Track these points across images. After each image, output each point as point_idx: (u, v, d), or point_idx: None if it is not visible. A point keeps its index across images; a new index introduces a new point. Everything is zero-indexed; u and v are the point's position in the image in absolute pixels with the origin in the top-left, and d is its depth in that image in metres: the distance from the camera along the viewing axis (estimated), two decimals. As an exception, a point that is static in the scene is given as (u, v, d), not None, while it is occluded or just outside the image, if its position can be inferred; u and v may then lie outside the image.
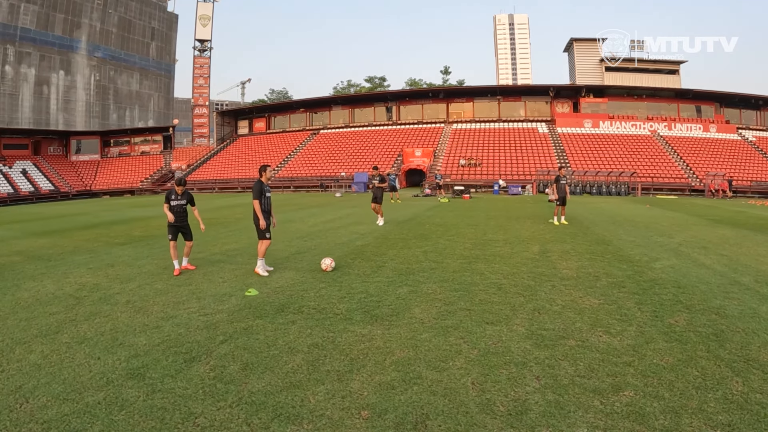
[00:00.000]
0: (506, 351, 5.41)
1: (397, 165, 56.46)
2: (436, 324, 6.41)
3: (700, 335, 6.05)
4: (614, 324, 6.44)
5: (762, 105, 67.42)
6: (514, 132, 62.05)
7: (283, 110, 78.90)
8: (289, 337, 5.97)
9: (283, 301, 7.65)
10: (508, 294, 7.96)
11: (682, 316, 6.81)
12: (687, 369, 5.04)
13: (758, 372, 5.00)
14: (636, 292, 8.07)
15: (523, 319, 6.65)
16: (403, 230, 16.27)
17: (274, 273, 9.75)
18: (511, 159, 54.95)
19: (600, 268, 10.04)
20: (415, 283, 8.72)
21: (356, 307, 7.24)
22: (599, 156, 55.30)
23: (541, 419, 3.97)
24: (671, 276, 9.37)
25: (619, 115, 64.10)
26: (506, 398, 4.31)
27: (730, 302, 7.58)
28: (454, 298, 7.67)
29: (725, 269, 10.14)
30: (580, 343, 5.75)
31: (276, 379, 4.72)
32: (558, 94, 66.75)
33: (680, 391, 4.54)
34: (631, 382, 4.73)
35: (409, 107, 70.40)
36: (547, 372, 4.88)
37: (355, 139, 65.82)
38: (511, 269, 9.92)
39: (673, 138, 60.59)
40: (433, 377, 4.73)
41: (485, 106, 67.80)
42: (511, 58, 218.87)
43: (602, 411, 4.12)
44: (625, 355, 5.37)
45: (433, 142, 61.01)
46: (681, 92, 68.79)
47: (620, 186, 46.50)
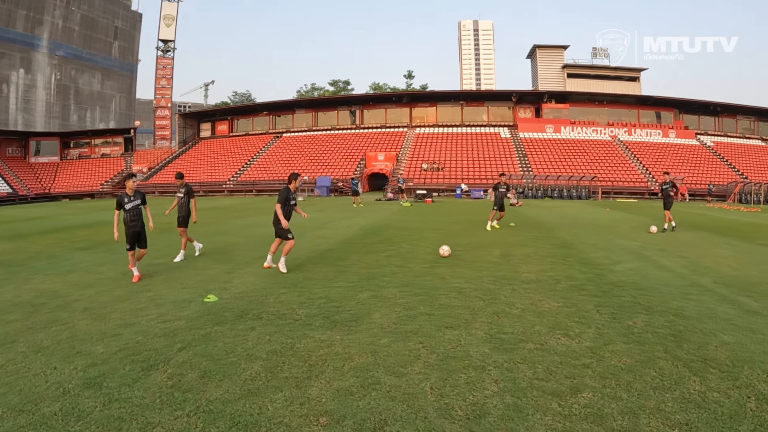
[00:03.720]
0: (465, 355, 5.44)
1: (360, 169, 56.65)
2: (396, 329, 6.41)
3: (659, 336, 6.18)
4: (573, 326, 6.52)
5: (720, 111, 70.78)
6: (476, 137, 63.10)
7: (246, 113, 78.20)
8: (248, 343, 5.89)
9: (243, 307, 7.55)
10: (468, 298, 8.01)
11: (641, 318, 6.95)
12: (645, 370, 5.13)
13: (716, 371, 5.11)
14: (596, 295, 8.21)
15: (483, 323, 6.69)
16: (367, 235, 16.27)
17: (234, 278, 9.63)
18: (473, 163, 55.79)
19: (561, 271, 10.20)
20: (377, 287, 8.72)
21: (316, 312, 7.19)
22: (561, 160, 56.60)
23: (500, 423, 3.99)
24: (631, 278, 9.58)
25: (580, 121, 66.01)
26: (465, 402, 4.32)
27: (688, 303, 7.79)
28: (415, 303, 7.68)
29: (685, 271, 10.45)
30: (539, 346, 5.80)
31: (234, 387, 4.68)
32: (520, 100, 68.19)
33: (638, 392, 4.61)
34: (590, 383, 4.78)
35: (373, 111, 70.87)
36: (505, 375, 4.90)
37: (318, 142, 65.69)
38: (472, 273, 9.99)
39: (633, 143, 62.78)
40: (392, 382, 4.72)
41: (448, 111, 68.83)
42: (475, 64, 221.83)
43: (561, 413, 4.16)
44: (584, 357, 5.44)
45: (396, 146, 61.54)
46: (641, 99, 71.66)
47: (581, 190, 47.67)
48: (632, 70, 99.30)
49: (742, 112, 71.61)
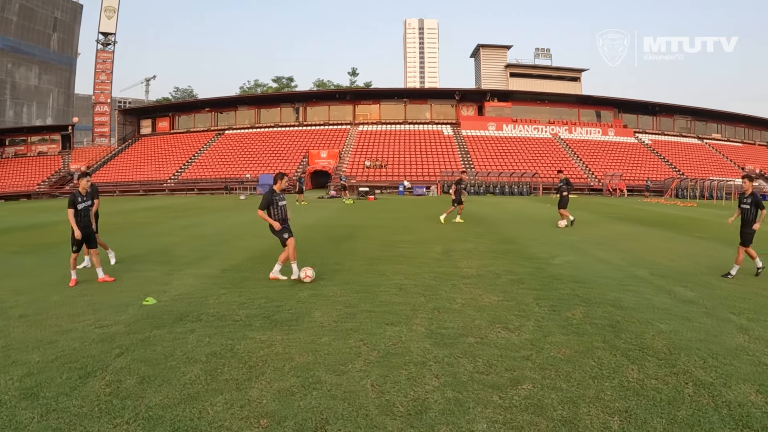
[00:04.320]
0: (406, 351, 5.46)
1: (303, 167, 56.22)
2: (337, 327, 6.37)
3: (597, 327, 6.34)
4: (513, 320, 6.61)
5: (658, 111, 75.03)
6: (419, 134, 63.87)
7: (188, 109, 76.37)
8: (188, 346, 5.70)
9: (182, 309, 7.31)
10: (409, 294, 8.03)
11: (580, 309, 7.12)
12: (584, 360, 5.24)
13: (653, 359, 5.28)
14: (535, 288, 8.38)
15: (424, 318, 6.72)
16: (309, 233, 16.10)
17: (174, 280, 9.32)
18: (416, 160, 56.37)
19: (501, 265, 10.36)
20: (318, 286, 8.63)
21: (257, 312, 7.06)
22: (502, 157, 58.03)
23: (441, 417, 4.01)
24: (570, 271, 9.85)
25: (522, 119, 68.00)
26: (406, 398, 4.34)
27: (626, 294, 8.04)
28: (356, 300, 7.66)
29: (622, 263, 10.82)
30: (480, 339, 5.85)
31: (174, 392, 4.55)
32: (463, 98, 69.62)
33: (578, 382, 4.70)
34: (530, 375, 4.84)
35: (316, 108, 70.58)
36: (446, 370, 4.95)
37: (261, 140, 64.92)
38: (413, 269, 10.03)
39: (573, 141, 65.23)
40: (333, 381, 4.71)
41: (392, 109, 69.32)
42: (420, 62, 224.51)
43: (501, 405, 4.21)
44: (524, 350, 5.51)
45: (339, 143, 61.52)
46: (582, 98, 74.88)
47: (522, 186, 49.12)
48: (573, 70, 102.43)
49: (679, 112, 76.41)
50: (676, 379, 4.81)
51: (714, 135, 76.90)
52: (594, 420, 4.00)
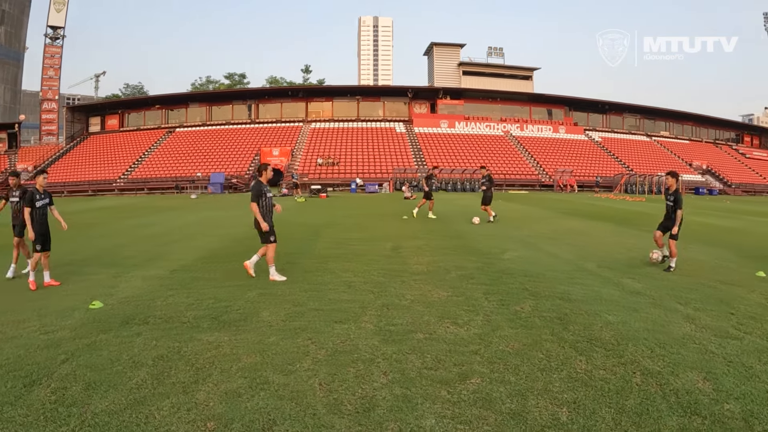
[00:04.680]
0: (354, 349, 5.45)
1: (255, 164, 55.41)
2: (285, 326, 6.29)
3: (545, 319, 6.42)
4: (462, 315, 6.64)
5: (608, 109, 77.80)
6: (372, 131, 64.07)
7: (138, 107, 73.90)
8: (134, 350, 5.53)
9: (129, 312, 7.07)
10: (358, 291, 8.01)
11: (528, 303, 7.20)
12: (532, 352, 5.28)
13: (601, 350, 5.36)
14: (485, 283, 8.44)
15: (373, 315, 6.70)
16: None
17: (121, 282, 9.00)
18: (368, 158, 56.49)
19: (451, 261, 10.40)
20: (266, 285, 8.51)
21: (204, 314, 6.90)
22: (455, 154, 58.73)
23: (389, 414, 4.01)
24: (519, 266, 9.97)
25: (474, 117, 69.06)
26: (354, 396, 4.32)
27: (574, 287, 8.19)
28: (305, 299, 7.59)
29: (571, 257, 11.05)
30: (428, 335, 5.85)
31: (120, 397, 4.44)
32: (416, 96, 70.20)
33: (526, 374, 4.73)
34: (478, 369, 4.85)
35: (269, 106, 69.89)
36: (394, 367, 4.94)
37: (213, 137, 63.56)
38: (363, 267, 9.99)
39: (524, 138, 66.73)
40: (281, 381, 4.66)
41: (344, 106, 69.34)
42: (374, 60, 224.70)
43: (449, 400, 4.22)
44: (472, 344, 5.52)
45: (292, 141, 61.09)
46: (534, 96, 76.74)
47: (474, 183, 49.78)
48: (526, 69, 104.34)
49: (629, 110, 79.74)
50: (624, 369, 4.89)
51: (662, 132, 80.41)
52: (542, 412, 4.03)
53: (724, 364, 5.08)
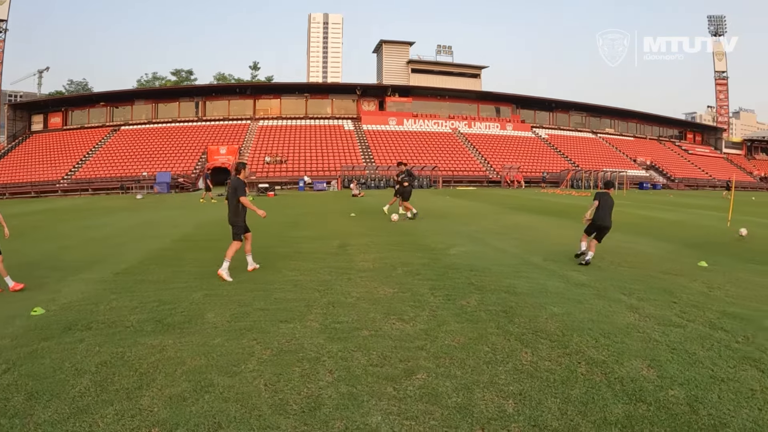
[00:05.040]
0: (299, 348, 5.42)
1: (202, 163, 54.49)
2: (230, 327, 6.20)
3: (491, 313, 6.49)
4: (408, 311, 6.65)
5: (554, 107, 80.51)
6: (320, 129, 63.95)
7: (82, 104, 70.99)
8: (77, 357, 5.36)
9: (71, 318, 6.82)
10: (304, 290, 7.94)
11: (474, 297, 7.27)
12: (478, 346, 5.32)
13: (546, 341, 5.45)
14: (431, 279, 8.49)
15: (318, 314, 6.65)
16: (205, 232, 15.63)
17: (64, 287, 8.65)
18: (316, 156, 56.34)
19: (397, 258, 10.43)
20: (212, 286, 8.36)
21: (148, 317, 6.73)
22: (403, 151, 59.16)
23: (335, 412, 4.02)
24: (465, 261, 10.07)
25: (422, 114, 70.03)
26: (299, 396, 4.31)
27: (520, 280, 8.32)
28: (250, 299, 7.50)
29: (517, 251, 11.25)
30: (374, 332, 5.85)
31: (63, 406, 4.31)
32: (365, 93, 70.69)
33: (472, 368, 4.77)
34: (424, 365, 4.87)
35: (216, 103, 68.83)
36: (340, 365, 4.95)
37: (159, 135, 61.97)
38: (309, 265, 9.92)
39: (472, 135, 67.98)
40: (226, 383, 4.62)
41: (293, 103, 69.06)
42: (323, 57, 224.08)
43: (395, 396, 4.25)
44: (418, 340, 5.54)
45: (239, 139, 60.29)
46: (482, 94, 78.40)
47: (422, 179, 50.30)
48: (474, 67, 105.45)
49: (575, 108, 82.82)
50: (569, 359, 4.98)
51: (608, 130, 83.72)
52: (489, 404, 4.08)
53: (667, 351, 5.23)
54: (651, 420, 3.87)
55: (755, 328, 6.06)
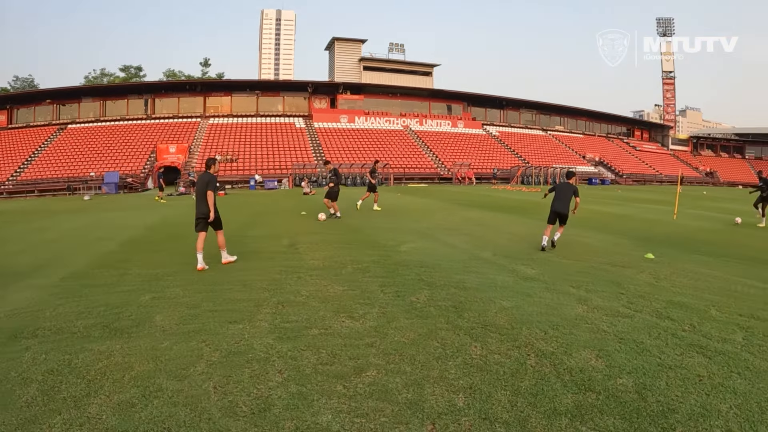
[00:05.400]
0: (249, 349, 5.36)
1: (151, 162, 53.04)
2: (179, 329, 6.07)
3: (441, 308, 6.54)
4: (357, 308, 6.65)
5: (505, 105, 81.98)
6: (271, 127, 63.23)
7: (28, 101, 67.53)
8: (23, 366, 5.16)
9: (16, 325, 6.54)
10: (254, 290, 7.84)
11: (424, 293, 7.31)
12: (428, 342, 5.35)
13: (495, 335, 5.51)
14: (381, 276, 8.51)
15: (268, 314, 6.58)
16: (154, 232, 15.24)
17: (8, 294, 8.28)
18: (267, 154, 55.71)
19: (347, 255, 10.41)
20: (160, 288, 8.14)
21: (96, 322, 6.51)
22: (354, 149, 59.23)
23: (285, 413, 4.00)
24: (416, 257, 10.13)
25: (374, 112, 70.22)
26: (249, 397, 4.28)
27: (469, 276, 8.41)
28: (199, 300, 7.35)
29: (468, 246, 11.37)
30: (323, 331, 5.81)
31: (10, 417, 4.17)
32: (316, 90, 70.17)
33: (422, 364, 4.78)
34: (374, 362, 4.87)
35: (166, 100, 66.94)
36: (290, 364, 4.91)
37: (107, 134, 59.54)
38: (259, 264, 9.81)
39: (424, 132, 68.49)
40: (175, 387, 4.53)
41: (243, 101, 68.07)
42: (275, 54, 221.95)
43: (346, 395, 4.26)
44: (368, 337, 5.54)
45: (189, 137, 58.88)
46: (433, 92, 78.75)
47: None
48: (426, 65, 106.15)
49: (525, 106, 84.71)
50: (518, 352, 5.04)
51: (557, 127, 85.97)
52: (439, 399, 4.10)
53: (615, 341, 5.37)
54: (600, 408, 3.95)
55: (701, 317, 6.29)
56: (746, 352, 5.17)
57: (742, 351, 5.18)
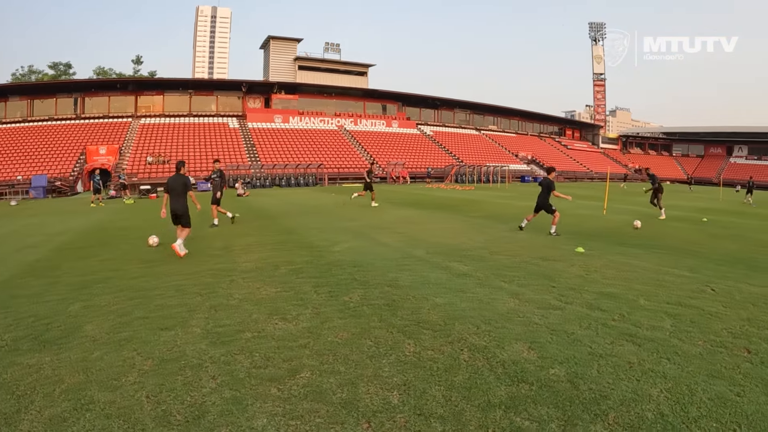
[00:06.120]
0: (182, 355, 5.24)
1: (81, 164, 50.86)
2: (110, 339, 5.86)
3: (374, 307, 6.57)
4: (291, 310, 6.59)
5: (439, 105, 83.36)
6: (204, 127, 61.87)
7: None
8: None
9: None
10: (186, 295, 7.66)
11: (358, 293, 7.33)
12: (361, 341, 5.36)
13: (428, 332, 5.56)
14: (314, 276, 8.48)
15: (200, 318, 6.45)
16: (82, 238, 14.63)
17: None
18: (201, 155, 54.38)
19: (281, 257, 10.33)
20: (90, 296, 7.84)
21: (24, 334, 6.22)
22: (289, 150, 58.79)
23: (220, 419, 3.95)
24: (349, 257, 10.16)
25: (309, 111, 69.92)
26: (182, 405, 4.20)
27: (403, 274, 8.49)
28: (130, 308, 7.11)
29: (401, 245, 11.48)
30: (257, 334, 5.74)
31: None
32: (251, 90, 69.12)
33: (356, 363, 4.79)
34: (308, 363, 4.84)
35: (96, 99, 63.96)
36: (223, 369, 4.83)
37: (35, 135, 56.22)
38: (191, 268, 9.59)
39: (358, 132, 68.84)
40: (107, 399, 4.39)
41: (176, 100, 66.20)
42: (210, 52, 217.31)
43: (280, 397, 4.22)
44: (301, 338, 5.50)
45: (120, 138, 56.45)
46: (368, 92, 79.17)
47: (308, 177, 50.61)
48: (361, 65, 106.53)
49: (459, 106, 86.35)
50: (451, 347, 5.11)
51: (491, 127, 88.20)
52: (373, 397, 4.11)
53: (547, 333, 5.52)
54: (534, 399, 4.04)
55: (630, 306, 6.55)
56: (675, 338, 5.41)
57: (671, 337, 5.42)
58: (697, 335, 5.53)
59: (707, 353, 5.02)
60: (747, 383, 4.38)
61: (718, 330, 5.72)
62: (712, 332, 5.64)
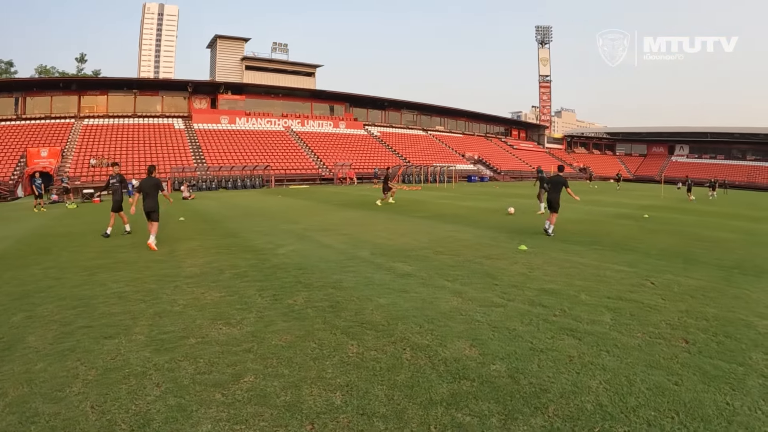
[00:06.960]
0: (125, 364, 5.17)
1: (21, 168, 48.85)
2: (53, 349, 5.72)
3: (318, 309, 6.61)
4: (235, 314, 6.59)
5: (387, 106, 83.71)
6: (149, 128, 60.09)
7: None
8: None
9: None
10: (129, 302, 7.52)
11: (302, 295, 7.36)
12: (305, 343, 5.40)
13: (372, 332, 5.65)
14: (258, 280, 8.46)
15: (144, 326, 6.35)
16: (22, 245, 14.09)
17: None
18: (146, 156, 52.89)
19: (225, 261, 10.25)
20: (31, 306, 7.59)
21: None
22: (235, 151, 57.93)
23: (165, 426, 3.94)
24: (293, 260, 10.17)
25: (256, 112, 69.09)
26: (127, 414, 4.16)
27: (347, 275, 8.56)
28: (73, 317, 6.94)
29: (345, 246, 11.53)
30: (201, 339, 5.71)
31: None
32: (196, 90, 67.77)
33: (299, 365, 4.82)
34: (252, 367, 4.85)
35: (38, 99, 61.07)
36: (167, 376, 4.81)
37: None
38: (135, 275, 9.37)
39: (305, 133, 68.33)
40: (51, 411, 4.31)
41: (120, 100, 63.99)
42: (156, 51, 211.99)
43: (224, 402, 4.24)
44: (245, 343, 5.51)
45: (62, 140, 54.01)
46: (316, 93, 78.70)
47: (255, 179, 50.03)
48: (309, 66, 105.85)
49: (406, 107, 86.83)
50: (394, 347, 5.20)
51: (438, 127, 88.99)
52: (317, 399, 4.17)
53: (489, 330, 5.68)
54: (475, 395, 4.17)
55: (571, 302, 6.79)
56: (614, 331, 5.66)
57: (611, 330, 5.67)
58: (636, 328, 5.79)
59: (646, 345, 5.27)
60: (684, 372, 4.62)
61: (656, 322, 6.01)
62: (651, 324, 5.92)
